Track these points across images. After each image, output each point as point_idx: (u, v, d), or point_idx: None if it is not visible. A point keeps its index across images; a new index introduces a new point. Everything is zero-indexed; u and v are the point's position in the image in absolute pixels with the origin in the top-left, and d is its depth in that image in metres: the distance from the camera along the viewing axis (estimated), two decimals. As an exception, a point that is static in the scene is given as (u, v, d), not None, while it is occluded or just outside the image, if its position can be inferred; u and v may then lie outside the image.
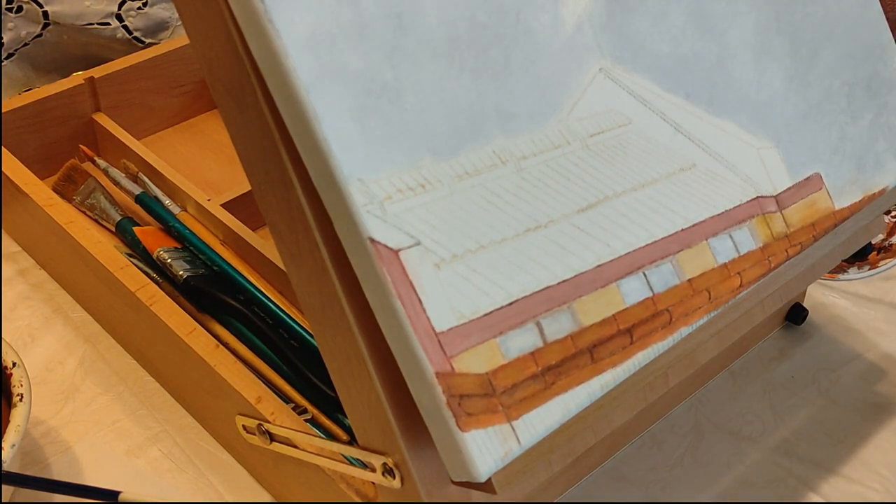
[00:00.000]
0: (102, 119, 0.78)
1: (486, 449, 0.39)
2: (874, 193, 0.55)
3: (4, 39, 0.82)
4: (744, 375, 0.65)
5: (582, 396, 0.42)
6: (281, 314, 0.62)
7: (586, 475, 0.58)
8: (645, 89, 0.48)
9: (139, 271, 0.62)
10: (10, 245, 0.73)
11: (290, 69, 0.37)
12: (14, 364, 0.55)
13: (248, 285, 0.64)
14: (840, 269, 0.72)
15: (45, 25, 0.83)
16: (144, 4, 0.86)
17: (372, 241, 0.38)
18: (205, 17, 0.40)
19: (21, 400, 0.53)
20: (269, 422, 0.52)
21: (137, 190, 0.71)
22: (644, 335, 0.44)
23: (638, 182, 0.46)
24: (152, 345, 0.62)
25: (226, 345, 0.59)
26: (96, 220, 0.71)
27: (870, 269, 0.72)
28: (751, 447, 0.60)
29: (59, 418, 0.61)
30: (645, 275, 0.45)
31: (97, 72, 0.77)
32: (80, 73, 0.77)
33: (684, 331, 0.46)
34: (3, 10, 0.81)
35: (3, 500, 0.53)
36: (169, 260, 0.65)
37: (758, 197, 0.51)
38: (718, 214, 0.49)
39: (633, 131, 0.47)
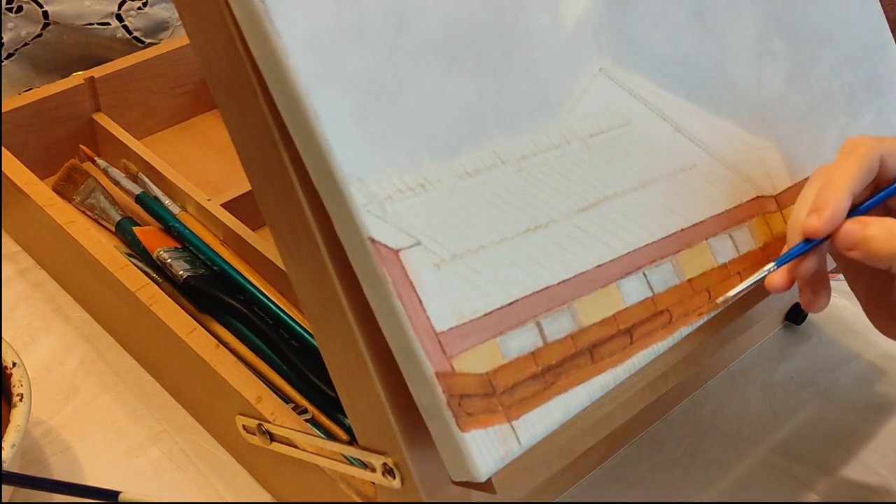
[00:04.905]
0: (102, 119, 0.78)
1: (486, 449, 0.39)
2: (874, 193, 0.55)
3: (4, 39, 0.82)
4: (744, 375, 0.65)
5: (582, 396, 0.42)
6: (281, 314, 0.62)
7: (586, 475, 0.58)
8: (645, 89, 0.48)
9: (139, 271, 0.62)
10: (10, 245, 0.73)
11: (290, 69, 0.37)
12: (14, 364, 0.55)
13: (248, 285, 0.64)
14: (840, 269, 0.72)
15: (45, 25, 0.83)
16: (144, 4, 0.86)
17: (372, 241, 0.38)
18: (205, 17, 0.40)
19: (21, 400, 0.53)
20: (269, 422, 0.52)
21: (137, 190, 0.71)
22: (644, 335, 0.44)
23: (638, 182, 0.46)
24: (152, 345, 0.62)
25: (226, 345, 0.59)
26: (96, 220, 0.71)
27: (870, 270, 0.72)
28: (751, 447, 0.60)
29: (59, 418, 0.61)
30: (645, 275, 0.45)
31: (97, 72, 0.77)
32: (80, 73, 0.77)
33: (684, 331, 0.46)
34: (3, 10, 0.81)
35: (3, 500, 0.53)
36: (169, 260, 0.65)
37: (758, 197, 0.51)
38: (718, 214, 0.49)
39: (633, 131, 0.47)
